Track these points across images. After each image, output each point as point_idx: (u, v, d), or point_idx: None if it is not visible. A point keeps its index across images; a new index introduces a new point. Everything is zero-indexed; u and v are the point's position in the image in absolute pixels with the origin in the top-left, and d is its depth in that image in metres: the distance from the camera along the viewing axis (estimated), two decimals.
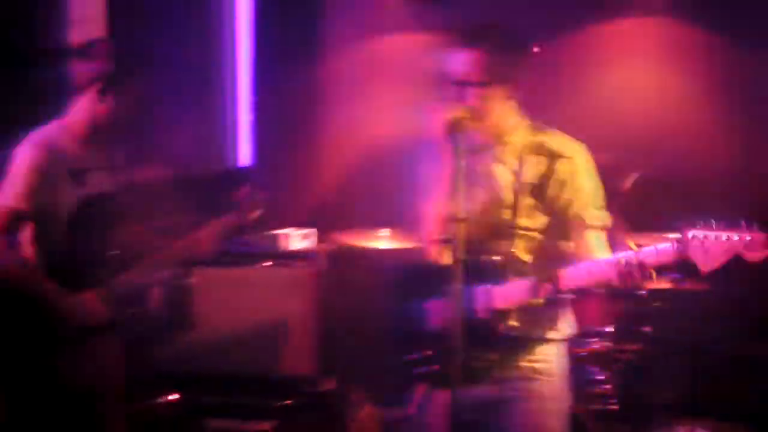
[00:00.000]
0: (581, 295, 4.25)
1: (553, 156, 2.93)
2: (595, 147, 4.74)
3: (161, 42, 5.09)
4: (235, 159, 5.81)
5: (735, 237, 2.54)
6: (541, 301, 2.81)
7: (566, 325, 3.05)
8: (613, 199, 4.66)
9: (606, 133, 5.31)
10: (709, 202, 5.38)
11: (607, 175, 4.60)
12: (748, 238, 2.53)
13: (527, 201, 2.90)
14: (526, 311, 2.85)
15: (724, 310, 5.04)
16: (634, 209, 4.68)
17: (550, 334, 2.98)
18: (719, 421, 4.86)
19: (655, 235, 4.48)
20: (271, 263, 4.42)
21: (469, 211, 2.74)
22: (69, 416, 3.39)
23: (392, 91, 5.30)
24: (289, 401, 4.35)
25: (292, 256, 4.45)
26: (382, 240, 4.39)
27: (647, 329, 4.28)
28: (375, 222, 4.41)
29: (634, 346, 4.34)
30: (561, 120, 5.31)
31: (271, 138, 5.76)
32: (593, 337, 4.31)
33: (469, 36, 2.82)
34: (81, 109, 3.39)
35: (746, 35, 5.25)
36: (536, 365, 2.96)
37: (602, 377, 4.33)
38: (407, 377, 3.00)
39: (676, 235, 2.64)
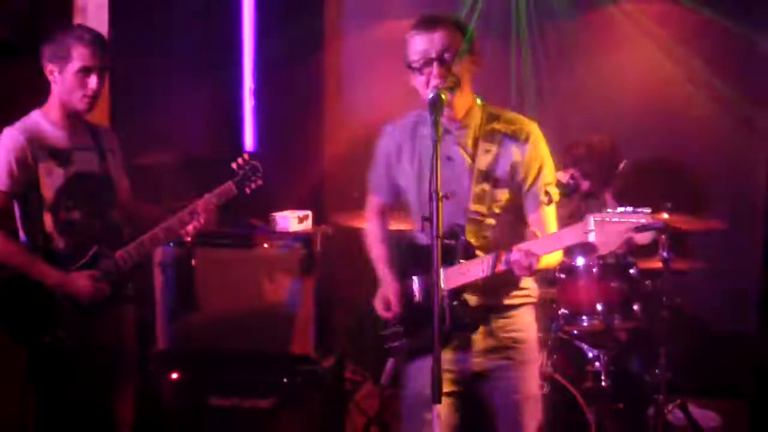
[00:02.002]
0: (572, 275, 4.37)
1: (505, 140, 3.05)
2: (593, 128, 4.83)
3: (167, 28, 5.19)
4: (242, 143, 5.90)
5: (631, 219, 2.67)
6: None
7: (533, 288, 3.18)
8: (608, 183, 4.75)
9: (604, 115, 5.38)
10: (703, 184, 5.44)
11: (604, 156, 4.69)
12: (642, 220, 2.66)
13: (481, 187, 3.02)
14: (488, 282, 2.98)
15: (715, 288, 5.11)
16: (629, 192, 4.74)
17: (519, 300, 3.12)
18: (710, 397, 4.93)
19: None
20: (268, 245, 4.51)
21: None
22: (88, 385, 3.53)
23: (392, 78, 5.36)
24: (288, 379, 4.43)
25: (290, 238, 4.53)
26: None
27: (637, 308, 4.32)
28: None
29: (626, 325, 4.38)
30: (561, 102, 5.42)
31: (271, 123, 5.85)
32: (584, 316, 4.35)
33: (428, 20, 3.02)
34: (53, 94, 3.51)
35: (745, 17, 5.26)
36: (513, 334, 3.10)
37: (594, 355, 4.38)
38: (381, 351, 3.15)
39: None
